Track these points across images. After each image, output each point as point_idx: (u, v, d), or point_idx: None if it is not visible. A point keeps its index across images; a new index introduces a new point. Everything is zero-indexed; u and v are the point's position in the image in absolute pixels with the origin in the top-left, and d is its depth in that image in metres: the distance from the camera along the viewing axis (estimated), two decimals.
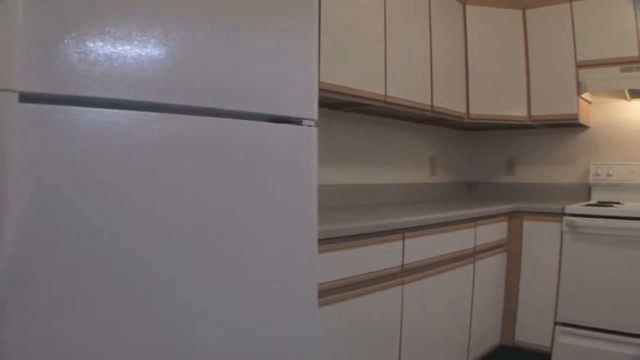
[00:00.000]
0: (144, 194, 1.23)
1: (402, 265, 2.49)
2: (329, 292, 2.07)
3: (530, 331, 3.61)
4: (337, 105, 3.10)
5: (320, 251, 1.94)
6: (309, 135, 1.66)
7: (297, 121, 1.64)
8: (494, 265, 3.49)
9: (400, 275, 2.49)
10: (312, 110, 1.69)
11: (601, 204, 3.68)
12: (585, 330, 3.38)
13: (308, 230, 1.68)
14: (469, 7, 3.96)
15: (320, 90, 2.51)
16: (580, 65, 3.82)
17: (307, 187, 1.67)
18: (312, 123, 1.68)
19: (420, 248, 2.64)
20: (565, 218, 3.44)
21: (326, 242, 2.03)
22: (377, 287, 2.33)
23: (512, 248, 3.68)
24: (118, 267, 1.18)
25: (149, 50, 1.24)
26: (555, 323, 3.50)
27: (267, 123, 1.53)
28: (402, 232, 2.48)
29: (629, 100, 4.09)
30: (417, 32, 3.35)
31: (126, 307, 1.20)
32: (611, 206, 3.46)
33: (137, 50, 1.22)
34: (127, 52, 1.20)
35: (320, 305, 1.96)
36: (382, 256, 2.36)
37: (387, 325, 2.44)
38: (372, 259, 2.30)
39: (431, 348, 2.82)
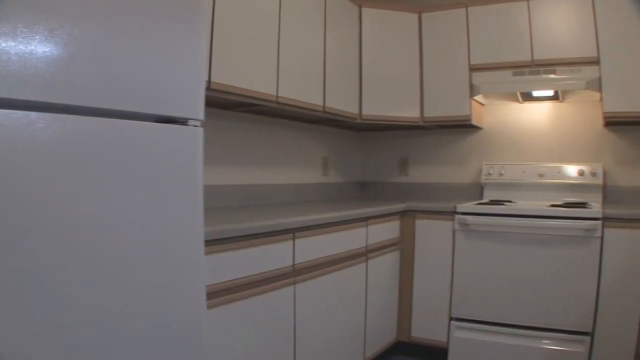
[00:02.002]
0: (22, 195, 1.22)
1: (293, 265, 2.57)
2: (220, 294, 2.11)
3: (426, 327, 3.80)
4: (229, 105, 3.15)
5: (209, 252, 2.00)
6: (195, 135, 1.69)
7: (182, 121, 1.66)
8: (386, 264, 3.64)
9: (292, 275, 2.57)
10: (198, 110, 1.72)
11: (493, 202, 3.93)
12: (479, 325, 3.60)
13: (194, 230, 1.70)
14: (364, 10, 4.10)
15: (212, 90, 2.57)
16: (474, 68, 4.06)
17: (193, 188, 1.69)
18: (198, 123, 1.71)
19: (312, 248, 2.73)
20: (457, 217, 3.64)
21: (216, 242, 2.06)
22: (268, 288, 2.39)
23: (404, 246, 3.86)
24: None
25: (33, 48, 1.23)
26: (451, 318, 3.71)
27: (152, 123, 1.56)
28: (293, 232, 2.56)
29: (522, 103, 4.39)
30: (312, 33, 3.46)
31: None
32: (503, 204, 3.69)
33: (21, 47, 1.21)
34: (10, 48, 1.19)
35: (210, 307, 2.00)
36: (273, 256, 2.42)
37: (280, 325, 2.50)
38: (262, 259, 2.35)
39: (327, 347, 2.92)
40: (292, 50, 3.22)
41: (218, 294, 2.10)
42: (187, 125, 1.68)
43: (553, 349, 3.37)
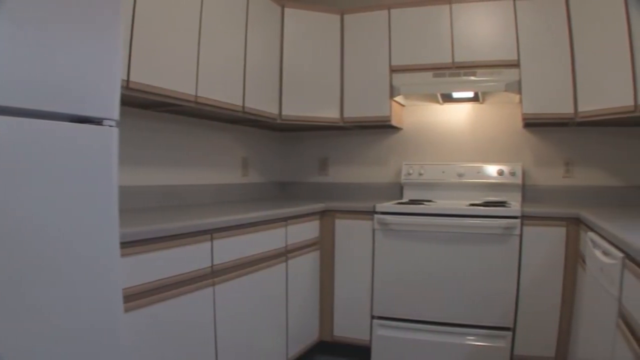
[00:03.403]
0: None
1: (212, 266, 2.58)
2: (138, 296, 2.10)
3: (349, 326, 3.87)
4: (148, 105, 3.13)
5: (126, 254, 1.99)
6: (110, 135, 1.69)
7: (97, 121, 1.66)
8: (307, 264, 3.69)
9: (211, 276, 2.58)
10: (113, 110, 1.71)
11: (412, 202, 4.04)
12: (402, 322, 3.70)
13: (109, 232, 1.70)
14: (287, 10, 4.15)
15: (131, 89, 2.56)
16: (394, 70, 4.17)
17: (107, 189, 1.69)
18: (114, 123, 1.71)
19: (231, 248, 2.75)
20: (376, 216, 3.72)
21: (132, 244, 2.06)
22: (187, 289, 2.40)
23: (324, 246, 3.92)
24: None
25: None
26: (372, 317, 3.79)
27: (66, 123, 1.54)
28: (211, 232, 2.57)
29: (442, 104, 4.54)
30: (233, 33, 3.47)
31: None
32: (422, 204, 3.79)
33: None
34: None
35: (128, 309, 2.00)
36: (191, 257, 2.43)
37: (201, 326, 2.51)
38: (181, 260, 2.36)
39: (249, 347, 2.95)
40: (212, 50, 3.22)
41: (136, 297, 2.09)
42: (102, 125, 1.67)
43: (475, 344, 3.49)
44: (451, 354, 3.53)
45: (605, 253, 2.23)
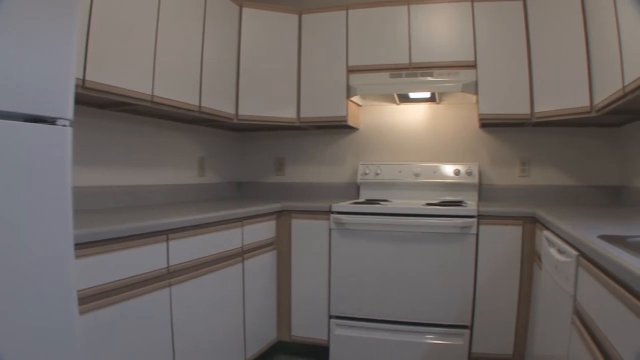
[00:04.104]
0: None
1: (168, 267, 2.57)
2: (94, 298, 2.08)
3: (307, 326, 3.88)
4: (105, 104, 3.10)
5: (81, 256, 1.97)
6: (64, 135, 1.67)
7: (51, 121, 1.64)
8: (263, 264, 3.70)
9: (167, 278, 2.57)
10: (67, 110, 1.69)
11: (369, 202, 4.08)
12: (360, 322, 3.72)
13: (63, 233, 1.67)
14: (245, 10, 4.14)
15: (87, 89, 2.53)
16: (352, 70, 4.20)
17: (61, 189, 1.67)
18: (68, 123, 1.69)
19: (187, 249, 2.74)
20: (333, 216, 3.75)
21: (87, 246, 2.04)
22: (143, 291, 2.38)
23: (281, 246, 3.93)
24: None
25: None
26: (330, 317, 3.81)
27: (18, 122, 1.52)
28: (167, 233, 2.56)
29: (399, 105, 4.59)
30: (191, 33, 3.46)
31: None
32: (378, 204, 3.83)
33: None
34: None
35: (84, 312, 1.98)
36: (147, 259, 2.42)
37: (157, 328, 2.50)
38: (136, 262, 2.34)
39: (207, 348, 2.95)
40: (169, 49, 3.21)
41: (92, 299, 2.07)
42: (56, 125, 1.65)
43: (434, 343, 3.55)
44: (410, 353, 3.58)
45: (561, 251, 2.28)
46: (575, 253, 2.00)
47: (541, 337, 2.75)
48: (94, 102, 2.98)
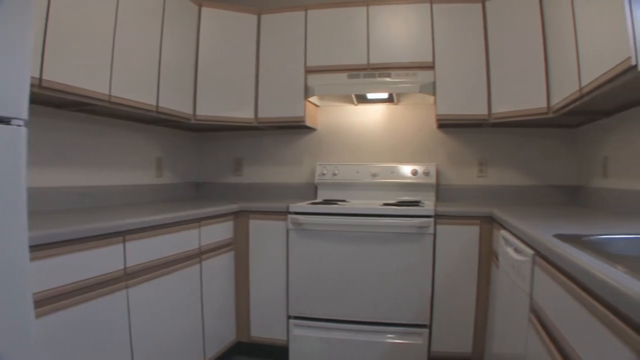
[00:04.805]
0: None
1: (125, 269, 2.55)
2: (50, 301, 2.05)
3: (265, 326, 3.88)
4: (62, 104, 3.06)
5: (35, 258, 1.95)
6: (18, 135, 1.65)
7: (5, 121, 1.62)
8: (221, 265, 3.69)
9: (124, 279, 2.55)
10: (21, 109, 1.68)
11: (326, 202, 4.09)
12: (317, 322, 3.73)
13: (18, 235, 1.66)
14: (204, 9, 4.13)
15: (44, 88, 2.50)
16: (309, 71, 4.21)
17: (15, 190, 1.65)
18: (22, 123, 1.67)
19: (144, 250, 2.72)
20: (290, 216, 3.75)
21: (42, 247, 2.01)
22: (100, 292, 2.35)
23: (239, 247, 3.92)
24: None
25: None
26: (289, 317, 3.81)
27: None
28: (123, 234, 2.54)
29: (356, 105, 4.62)
30: (149, 32, 3.44)
31: None
32: (335, 204, 3.84)
33: None
34: None
35: (40, 315, 1.96)
36: (104, 260, 2.39)
37: (115, 330, 2.47)
38: (92, 263, 2.31)
39: (166, 350, 2.93)
40: (127, 48, 3.18)
41: (48, 301, 2.05)
42: (10, 124, 1.64)
43: (393, 342, 3.58)
44: (369, 352, 3.60)
45: (517, 250, 2.33)
46: (531, 252, 2.04)
47: (499, 335, 2.79)
48: (50, 101, 2.94)
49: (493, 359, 2.99)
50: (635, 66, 2.01)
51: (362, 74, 4.06)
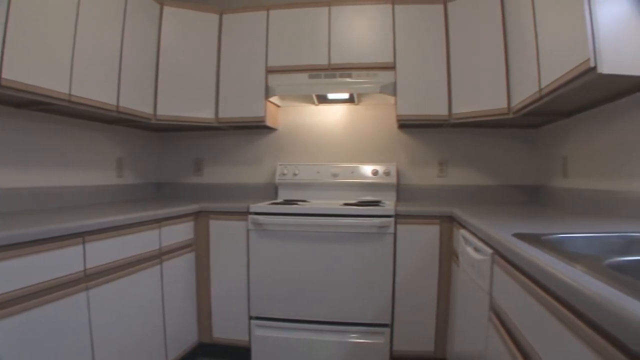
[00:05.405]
0: None
1: (84, 270, 2.53)
2: (6, 305, 2.03)
3: (227, 327, 3.87)
4: (21, 103, 3.03)
5: None
6: None
7: None
8: (182, 265, 3.68)
9: (84, 281, 2.53)
10: None
11: (287, 202, 4.10)
12: (279, 322, 3.74)
13: None
14: (166, 8, 4.11)
15: (2, 87, 2.47)
16: (270, 71, 4.22)
17: None
18: None
19: (104, 251, 2.70)
20: (250, 216, 3.75)
21: None
22: (59, 295, 2.33)
23: (200, 247, 3.91)
24: None
25: None
26: (250, 317, 3.81)
27: None
28: (83, 235, 2.52)
29: (317, 105, 4.65)
30: (109, 31, 3.41)
31: None
32: (296, 204, 3.86)
33: None
34: None
35: None
36: (63, 261, 2.37)
37: (76, 333, 2.45)
38: (51, 265, 2.29)
39: (128, 351, 2.92)
40: (87, 47, 3.15)
41: (4, 305, 2.02)
42: None
43: (354, 342, 3.61)
44: (331, 352, 3.63)
45: (476, 249, 2.37)
46: (490, 251, 2.08)
47: (460, 333, 2.83)
48: (9, 100, 2.91)
49: (455, 356, 3.05)
50: (594, 68, 2.07)
51: (323, 74, 4.09)
